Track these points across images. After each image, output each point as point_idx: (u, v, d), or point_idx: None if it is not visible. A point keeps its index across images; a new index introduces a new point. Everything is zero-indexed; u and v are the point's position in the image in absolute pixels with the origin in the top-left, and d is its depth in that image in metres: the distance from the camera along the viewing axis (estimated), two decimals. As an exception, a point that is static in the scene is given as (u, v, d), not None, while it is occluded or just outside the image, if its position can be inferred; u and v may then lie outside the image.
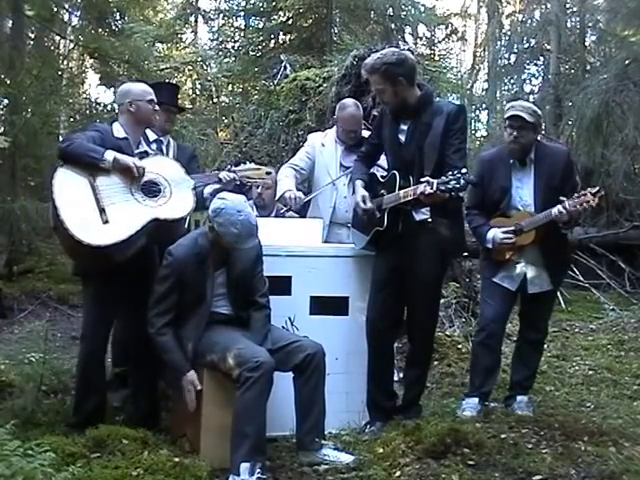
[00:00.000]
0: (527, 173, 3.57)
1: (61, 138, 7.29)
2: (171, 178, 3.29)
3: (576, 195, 3.36)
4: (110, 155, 3.12)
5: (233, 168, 3.64)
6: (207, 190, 3.61)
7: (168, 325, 3.09)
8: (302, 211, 4.15)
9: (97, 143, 3.16)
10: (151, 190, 3.22)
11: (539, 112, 3.59)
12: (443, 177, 3.05)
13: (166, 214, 3.19)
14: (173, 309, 3.11)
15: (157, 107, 3.39)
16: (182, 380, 3.04)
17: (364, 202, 3.38)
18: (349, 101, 4.15)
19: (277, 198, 4.07)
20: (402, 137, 3.35)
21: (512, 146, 3.54)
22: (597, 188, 3.39)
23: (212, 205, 3.07)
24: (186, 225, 3.64)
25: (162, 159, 3.48)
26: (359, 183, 3.48)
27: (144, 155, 3.35)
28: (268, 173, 3.69)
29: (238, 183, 3.59)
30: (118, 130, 3.31)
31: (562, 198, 3.36)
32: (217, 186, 3.57)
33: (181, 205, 3.25)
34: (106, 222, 3.05)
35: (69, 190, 3.07)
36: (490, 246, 3.57)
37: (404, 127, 3.35)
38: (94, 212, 3.06)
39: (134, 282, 3.21)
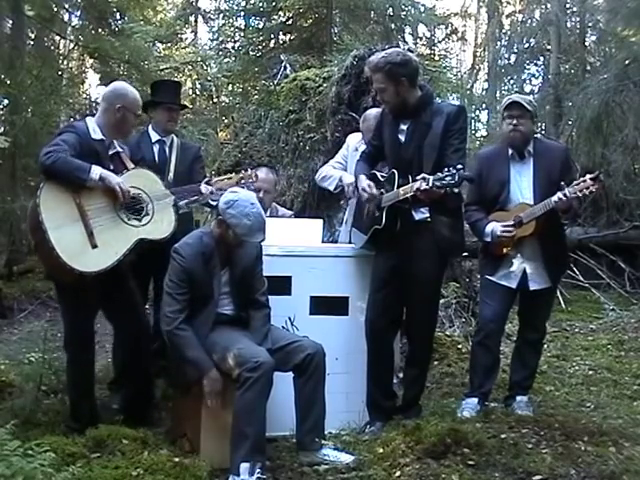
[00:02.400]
0: (526, 166, 3.56)
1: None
2: (152, 193, 3.29)
3: (575, 182, 3.35)
4: (96, 174, 3.06)
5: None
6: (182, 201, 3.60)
7: (186, 322, 3.03)
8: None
9: (76, 148, 3.08)
10: (135, 208, 3.22)
11: (534, 103, 3.63)
12: (439, 173, 3.06)
13: (151, 234, 3.21)
14: (188, 306, 3.06)
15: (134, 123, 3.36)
16: (205, 378, 2.95)
17: (370, 187, 3.36)
18: (371, 113, 4.05)
19: (334, 188, 4.10)
20: (402, 137, 3.36)
21: (513, 134, 3.53)
22: (596, 173, 3.39)
23: (224, 198, 3.08)
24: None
25: (141, 172, 3.38)
26: (362, 176, 3.47)
27: (115, 157, 3.29)
28: (238, 180, 3.68)
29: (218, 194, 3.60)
30: (94, 130, 3.22)
31: (562, 183, 3.34)
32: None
33: (164, 225, 3.27)
34: (95, 246, 3.04)
35: (57, 211, 3.01)
36: (489, 239, 3.55)
37: (404, 127, 3.35)
38: (82, 236, 3.04)
39: (111, 286, 3.18)
